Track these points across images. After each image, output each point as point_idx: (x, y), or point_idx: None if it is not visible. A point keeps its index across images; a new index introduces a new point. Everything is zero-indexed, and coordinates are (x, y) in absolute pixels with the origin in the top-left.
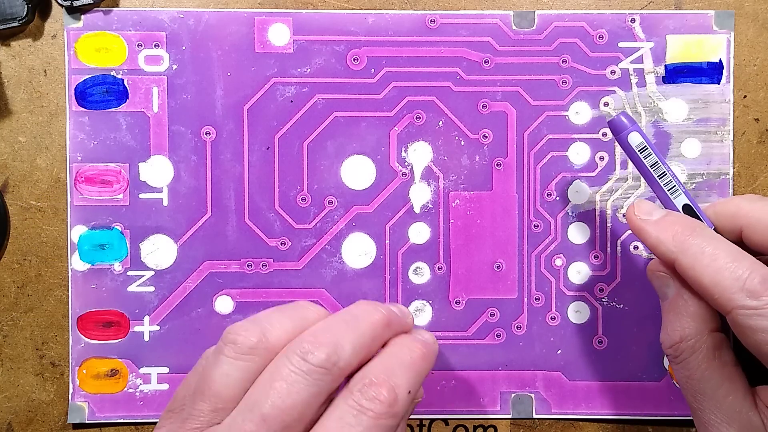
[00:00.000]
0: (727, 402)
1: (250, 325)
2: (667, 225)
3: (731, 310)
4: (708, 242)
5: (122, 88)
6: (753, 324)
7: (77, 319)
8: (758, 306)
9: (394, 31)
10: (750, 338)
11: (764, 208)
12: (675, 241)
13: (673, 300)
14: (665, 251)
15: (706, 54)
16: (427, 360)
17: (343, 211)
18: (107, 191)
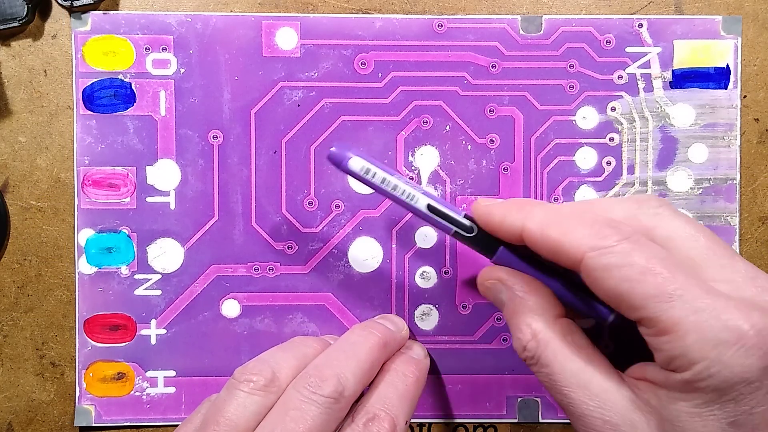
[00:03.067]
0: (595, 384)
1: (260, 365)
2: (510, 202)
3: (582, 255)
4: (548, 206)
5: (130, 91)
6: (604, 263)
7: (84, 323)
8: (607, 245)
9: (402, 35)
10: (603, 282)
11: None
12: (520, 212)
13: (510, 302)
14: (512, 223)
15: (713, 59)
16: (420, 382)
17: (349, 215)
18: (114, 195)
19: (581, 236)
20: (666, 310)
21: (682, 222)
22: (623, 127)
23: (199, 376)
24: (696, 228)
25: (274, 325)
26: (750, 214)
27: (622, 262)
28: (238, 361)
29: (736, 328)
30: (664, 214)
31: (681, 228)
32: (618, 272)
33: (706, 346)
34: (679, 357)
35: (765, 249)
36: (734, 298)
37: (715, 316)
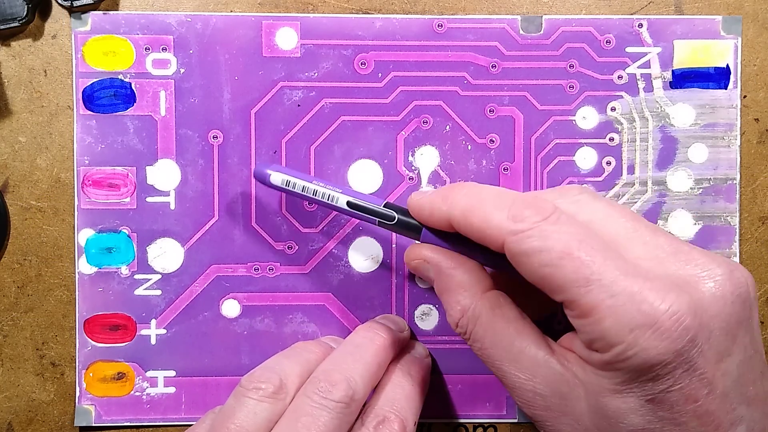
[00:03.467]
0: (525, 356)
1: (267, 372)
2: (437, 193)
3: (503, 240)
4: (471, 189)
5: (130, 91)
6: (524, 248)
7: (84, 323)
8: (524, 228)
9: (402, 35)
10: (525, 267)
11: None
12: (444, 202)
13: (438, 280)
14: (439, 215)
15: (713, 59)
16: (426, 382)
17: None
18: (114, 195)
19: (500, 220)
20: (584, 294)
21: (603, 204)
22: (623, 127)
23: (199, 376)
24: (617, 209)
25: (274, 325)
26: (750, 214)
27: (540, 247)
28: (238, 361)
29: (652, 312)
30: (584, 200)
31: (601, 210)
32: (537, 257)
33: (622, 330)
34: (599, 339)
35: (765, 249)
36: (652, 278)
37: (630, 300)
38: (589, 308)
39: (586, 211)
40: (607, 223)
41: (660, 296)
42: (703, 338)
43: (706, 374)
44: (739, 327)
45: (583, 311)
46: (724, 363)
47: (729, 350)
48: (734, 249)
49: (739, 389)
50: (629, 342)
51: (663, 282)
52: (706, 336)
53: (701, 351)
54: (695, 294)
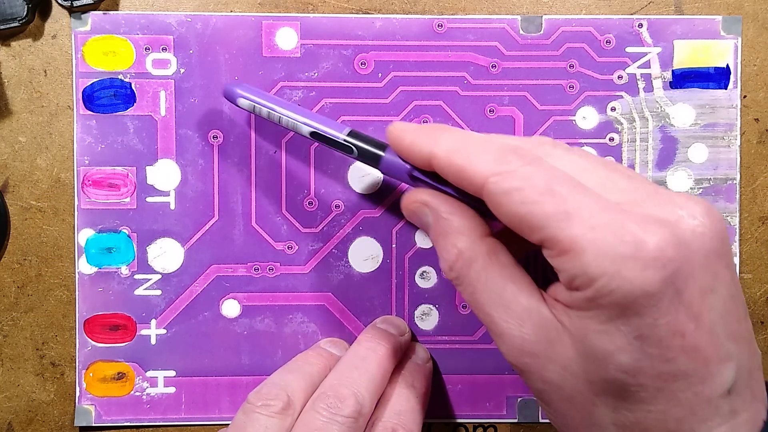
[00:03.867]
0: (516, 303)
1: (274, 389)
2: (421, 128)
3: (484, 181)
4: (457, 132)
5: (130, 91)
6: (505, 187)
7: (84, 323)
8: (507, 169)
9: (402, 35)
10: (504, 207)
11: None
12: (428, 138)
13: (435, 224)
14: (421, 149)
15: (713, 59)
16: (428, 390)
17: (349, 215)
18: (114, 195)
19: (485, 162)
20: (563, 228)
21: (579, 155)
22: (623, 127)
23: (199, 376)
24: (591, 159)
25: (274, 325)
26: (750, 214)
27: (522, 185)
28: (238, 361)
29: (634, 242)
30: (558, 153)
31: (575, 161)
32: (518, 195)
33: (604, 262)
34: (580, 275)
35: (765, 249)
36: (633, 213)
37: (612, 232)
38: (569, 243)
39: (561, 164)
40: (582, 174)
41: (641, 228)
42: (687, 271)
43: (691, 308)
44: (720, 263)
45: (563, 247)
46: (708, 298)
47: (712, 286)
48: (734, 249)
49: (725, 326)
50: (611, 274)
51: (644, 217)
52: (689, 270)
53: (686, 284)
54: (676, 229)
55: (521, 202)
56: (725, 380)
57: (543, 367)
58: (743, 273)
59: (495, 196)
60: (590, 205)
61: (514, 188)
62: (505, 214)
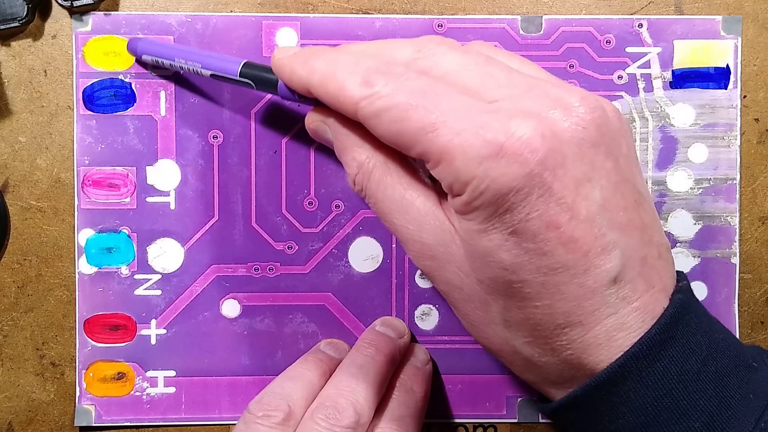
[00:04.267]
0: (413, 208)
1: (275, 399)
2: (299, 55)
3: (356, 108)
4: (329, 55)
5: (130, 91)
6: (373, 110)
7: (84, 323)
8: (373, 91)
9: (402, 35)
10: (378, 129)
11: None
12: (304, 67)
13: (336, 140)
14: (299, 79)
15: (713, 59)
16: (427, 394)
17: (350, 215)
18: (114, 195)
19: (353, 86)
20: (432, 140)
21: (458, 54)
22: None
23: (199, 376)
24: (472, 56)
25: (274, 325)
26: (750, 214)
27: (388, 105)
28: (238, 361)
29: (495, 140)
30: (441, 52)
31: (456, 60)
32: (387, 115)
33: (471, 165)
34: (454, 182)
35: (765, 249)
36: (501, 110)
37: (475, 134)
38: (440, 152)
39: (442, 63)
40: (463, 72)
41: (503, 125)
42: (555, 162)
43: (564, 199)
44: (597, 152)
45: (435, 158)
46: (584, 188)
47: (588, 175)
48: (734, 249)
49: (606, 215)
50: (480, 175)
51: (509, 112)
52: (558, 160)
53: (555, 175)
54: (544, 121)
55: (391, 122)
56: (609, 269)
57: (442, 268)
58: (743, 273)
59: (367, 120)
60: (455, 111)
61: (382, 109)
62: (381, 136)
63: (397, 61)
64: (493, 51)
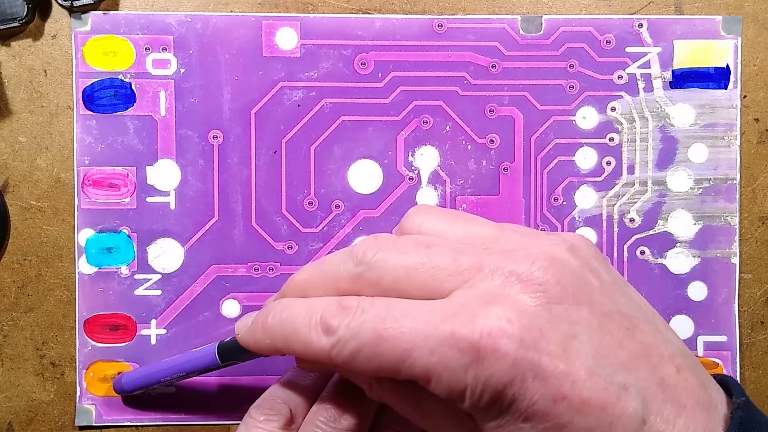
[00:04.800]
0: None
1: (276, 404)
2: (256, 322)
3: (328, 358)
4: (284, 312)
5: (130, 91)
6: (345, 355)
7: (84, 323)
8: (337, 340)
9: (402, 35)
10: (358, 371)
11: None
12: (265, 332)
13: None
14: (267, 348)
15: (713, 59)
16: None
17: (350, 215)
18: (114, 195)
19: (317, 340)
20: (412, 365)
21: (395, 252)
22: (623, 127)
23: (199, 376)
24: (409, 247)
25: None
26: (750, 214)
27: (356, 347)
28: None
29: (469, 347)
30: (380, 259)
31: (397, 260)
32: (360, 356)
33: (459, 376)
34: (451, 394)
35: (765, 249)
36: (458, 309)
37: (449, 347)
38: (425, 374)
39: (388, 268)
40: (409, 274)
41: (470, 327)
42: (533, 338)
43: (558, 368)
44: (568, 307)
45: (423, 380)
46: (571, 347)
47: (569, 333)
48: (734, 249)
49: (604, 361)
50: (471, 383)
51: (469, 308)
52: (535, 335)
53: (539, 350)
54: (505, 302)
55: (366, 361)
56: (632, 413)
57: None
58: (743, 273)
59: (344, 367)
60: (420, 329)
61: (352, 353)
62: (365, 376)
63: (343, 285)
64: (430, 220)
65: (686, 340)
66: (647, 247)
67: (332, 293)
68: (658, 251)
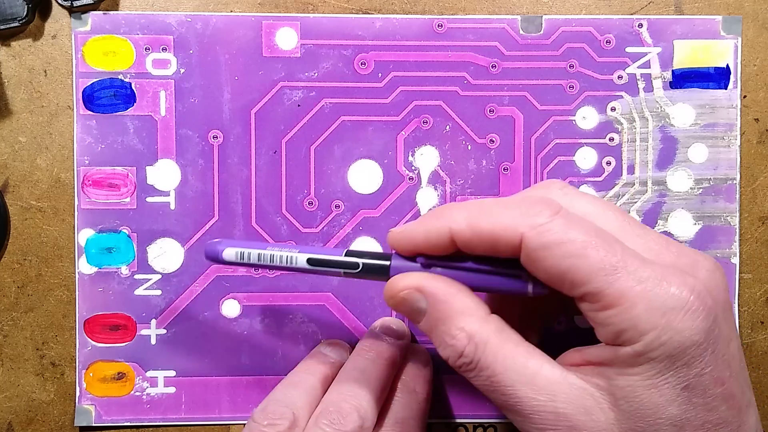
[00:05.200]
0: (541, 377)
1: (280, 408)
2: (425, 217)
3: (520, 236)
4: (470, 203)
5: (130, 91)
6: (544, 241)
7: (84, 323)
8: (543, 221)
9: (402, 35)
10: (544, 261)
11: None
12: (441, 219)
13: (433, 309)
14: (438, 233)
15: (713, 59)
16: (430, 395)
17: (350, 215)
18: (114, 195)
19: (513, 218)
20: (612, 282)
21: (589, 200)
22: (623, 127)
23: (199, 376)
24: (603, 204)
25: (274, 325)
26: (750, 214)
27: (562, 239)
28: (238, 361)
29: (680, 294)
30: (571, 194)
31: (590, 205)
32: (559, 249)
33: (654, 315)
34: (629, 329)
35: (765, 249)
36: (667, 266)
37: (659, 285)
38: (618, 296)
39: (577, 206)
40: (600, 218)
41: (682, 280)
42: (718, 320)
43: (725, 356)
44: (730, 314)
45: (610, 301)
46: (731, 346)
47: (730, 335)
48: (734, 249)
49: (743, 373)
50: (663, 326)
51: (676, 269)
52: (719, 319)
53: (721, 332)
54: (704, 281)
55: (563, 257)
56: (752, 425)
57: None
58: (743, 273)
59: (534, 251)
60: (633, 259)
61: (555, 242)
62: (544, 269)
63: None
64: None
65: None
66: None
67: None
68: None
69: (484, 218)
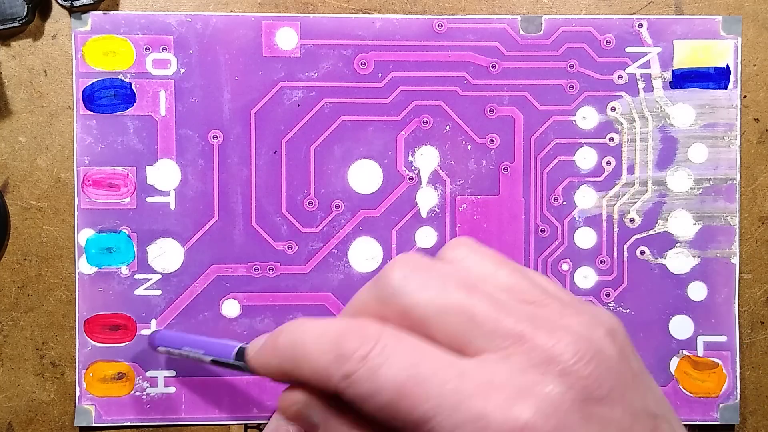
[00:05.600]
0: None
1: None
2: (266, 346)
3: (335, 389)
4: (295, 334)
5: (130, 91)
6: (356, 393)
7: (84, 323)
8: (352, 370)
9: (402, 35)
10: (366, 411)
11: None
12: (275, 353)
13: (327, 422)
14: (275, 369)
15: (713, 59)
16: None
17: (350, 215)
18: (114, 195)
19: (326, 367)
20: (432, 429)
21: (488, 260)
22: (623, 127)
23: (199, 376)
24: (499, 264)
25: (274, 325)
26: (750, 214)
27: (371, 390)
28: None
29: (510, 424)
30: (472, 255)
31: (487, 266)
32: (372, 402)
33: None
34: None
35: (765, 249)
36: (496, 386)
37: (477, 428)
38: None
39: (474, 269)
40: (489, 279)
41: (503, 414)
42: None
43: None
44: (603, 405)
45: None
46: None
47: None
48: (734, 249)
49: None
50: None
51: (505, 388)
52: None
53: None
54: (544, 394)
55: (377, 409)
56: None
57: None
58: (743, 273)
59: (351, 403)
60: (448, 397)
61: (365, 395)
62: (371, 414)
63: (369, 309)
64: (473, 256)
65: (686, 340)
66: (647, 247)
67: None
68: (658, 251)
69: (304, 365)
